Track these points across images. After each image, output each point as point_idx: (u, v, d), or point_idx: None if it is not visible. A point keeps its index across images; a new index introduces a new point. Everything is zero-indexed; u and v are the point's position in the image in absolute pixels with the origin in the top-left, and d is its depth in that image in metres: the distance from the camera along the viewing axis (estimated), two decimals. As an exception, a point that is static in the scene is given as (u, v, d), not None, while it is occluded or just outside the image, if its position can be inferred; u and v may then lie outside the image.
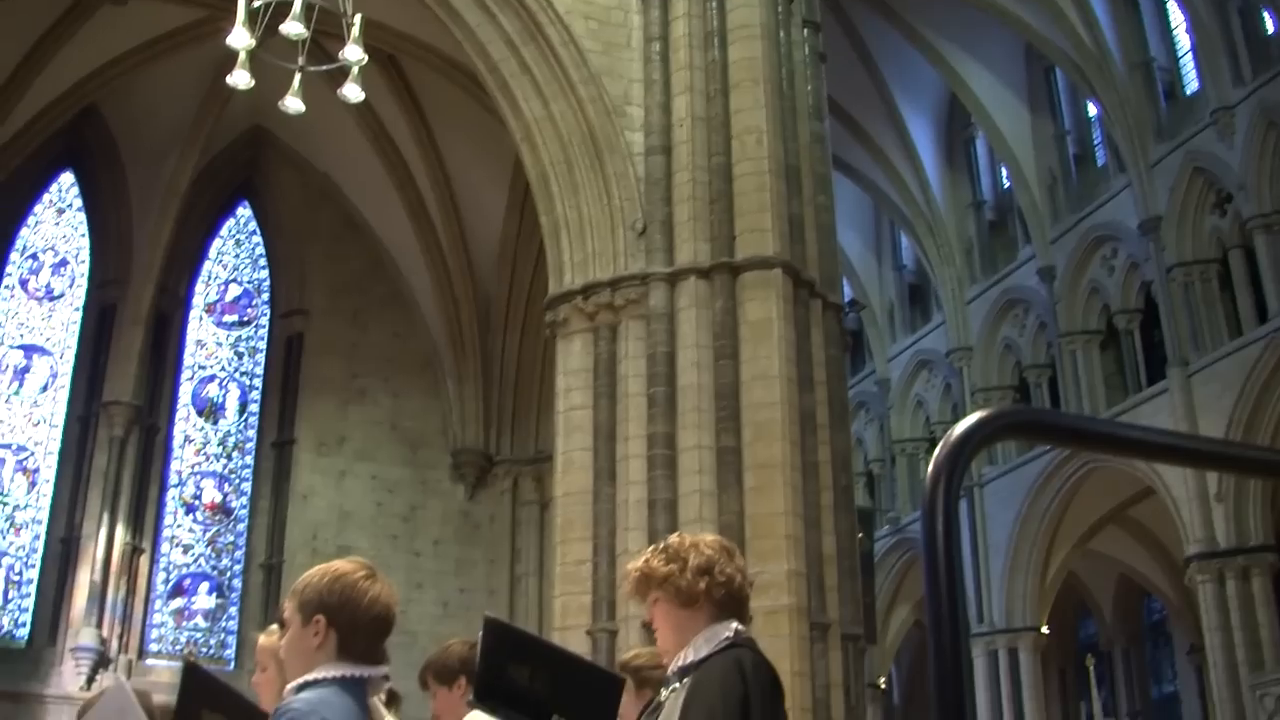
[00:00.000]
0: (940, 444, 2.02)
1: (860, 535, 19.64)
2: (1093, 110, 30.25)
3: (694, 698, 4.09)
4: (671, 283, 16.88)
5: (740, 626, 4.29)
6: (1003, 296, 31.92)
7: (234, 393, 28.00)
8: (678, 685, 4.24)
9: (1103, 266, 29.09)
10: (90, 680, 23.99)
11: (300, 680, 3.68)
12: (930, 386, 35.15)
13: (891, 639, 35.13)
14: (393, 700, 4.38)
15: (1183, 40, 27.99)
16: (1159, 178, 26.91)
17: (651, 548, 4.49)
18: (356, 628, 3.71)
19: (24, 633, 25.20)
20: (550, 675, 4.71)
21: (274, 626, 4.77)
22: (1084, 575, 33.29)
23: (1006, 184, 33.00)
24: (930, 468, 2.02)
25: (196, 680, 4.32)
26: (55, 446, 26.31)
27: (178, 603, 26.35)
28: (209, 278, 28.49)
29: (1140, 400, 27.01)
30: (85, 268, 27.47)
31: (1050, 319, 29.94)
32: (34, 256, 27.32)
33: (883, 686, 34.83)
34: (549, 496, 22.46)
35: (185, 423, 27.47)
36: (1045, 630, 30.33)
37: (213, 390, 27.88)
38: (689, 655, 4.24)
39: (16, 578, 25.47)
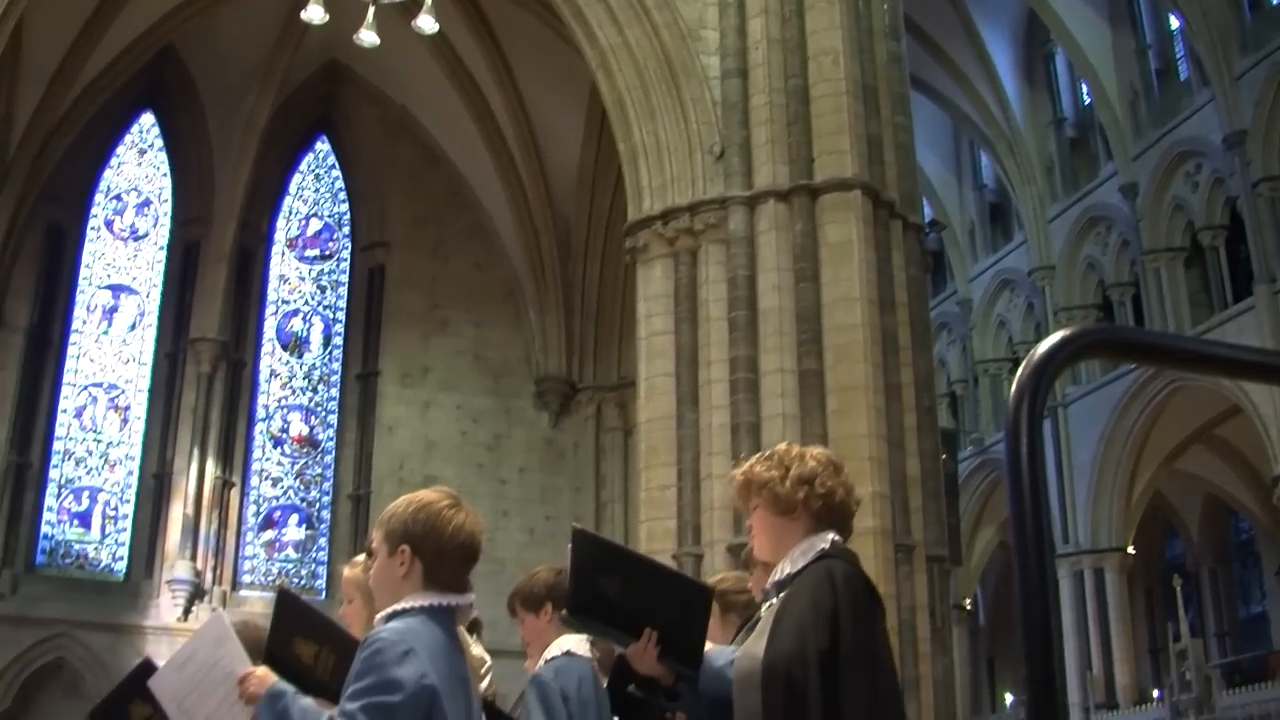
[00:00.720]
0: (1023, 364, 2.02)
1: (944, 457, 19.56)
2: (1175, 23, 29.74)
3: (784, 612, 4.06)
4: (750, 206, 16.81)
5: (837, 538, 4.22)
6: (1085, 214, 31.56)
7: (318, 326, 28.22)
8: (774, 600, 4.23)
9: (1186, 183, 28.67)
10: (187, 612, 24.43)
11: (389, 610, 3.72)
12: (1012, 306, 34.89)
13: (976, 561, 35.07)
14: (474, 627, 4.41)
15: (1267, -53, 27.41)
16: (1244, 91, 26.42)
17: (759, 454, 4.45)
18: (441, 556, 3.74)
19: (122, 566, 25.67)
20: (640, 586, 4.68)
21: (358, 559, 4.83)
22: (1170, 495, 33.05)
23: (1087, 100, 32.55)
24: (1014, 388, 2.01)
25: (289, 608, 4.37)
26: (145, 384, 26.67)
27: (268, 535, 26.71)
28: (290, 213, 28.66)
29: (1226, 317, 26.70)
30: (168, 207, 27.71)
31: (1133, 236, 29.57)
32: (118, 198, 27.59)
33: (968, 608, 34.83)
34: (632, 422, 22.50)
35: (270, 357, 27.74)
36: (1131, 551, 30.19)
37: (297, 324, 28.11)
38: (785, 568, 4.19)
39: (113, 513, 25.92)
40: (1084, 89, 32.57)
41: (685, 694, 4.73)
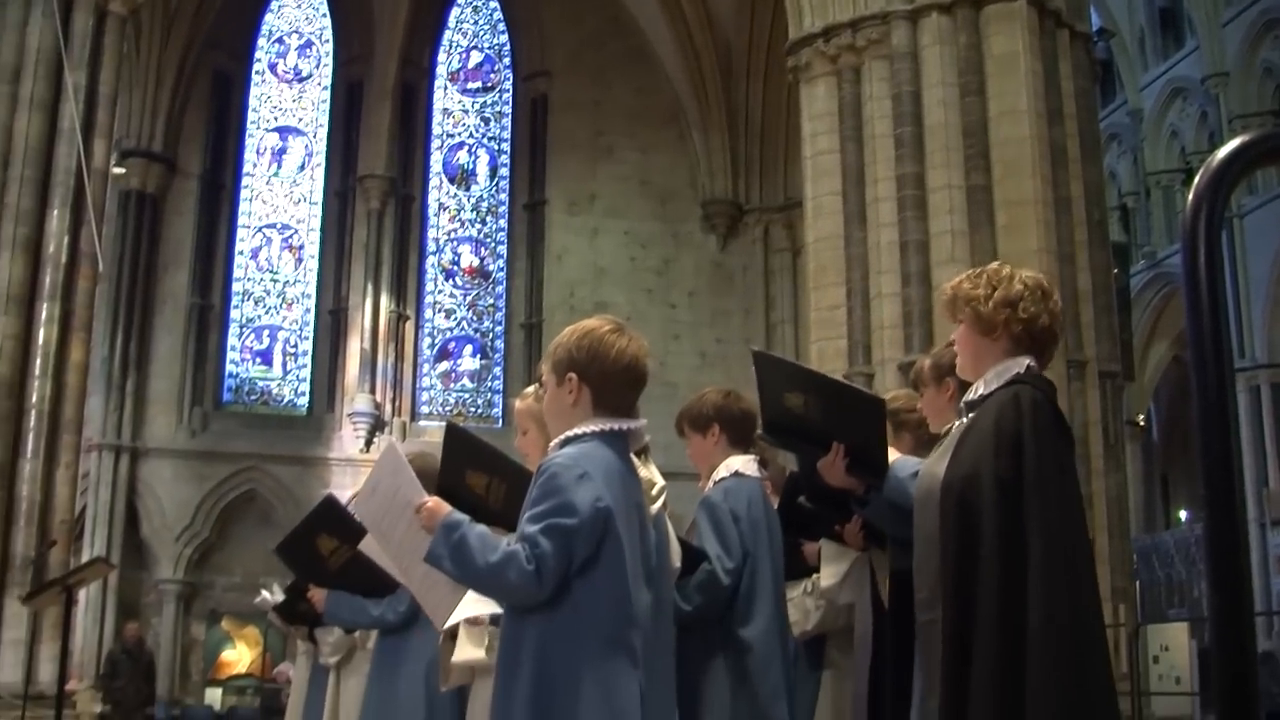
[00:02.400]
0: (1200, 172, 1.96)
1: (1116, 271, 19.22)
2: None
3: (968, 434, 4.06)
4: (913, 20, 16.43)
5: (1033, 364, 4.18)
6: (1261, 17, 30.35)
7: (483, 158, 28.36)
8: (963, 420, 4.21)
9: (1369, -22, 27.45)
10: (368, 443, 25.06)
11: (562, 436, 3.78)
12: (1185, 115, 33.89)
13: (1149, 376, 34.60)
14: (642, 451, 4.44)
15: None
16: None
17: (972, 270, 4.43)
18: (608, 382, 3.79)
19: (304, 401, 26.38)
20: (820, 402, 4.74)
21: (528, 390, 4.88)
22: (1352, 307, 32.17)
23: (1264, -107, 31.14)
24: (1190, 197, 1.96)
25: (459, 441, 4.45)
26: (316, 223, 27.13)
27: (444, 366, 27.17)
28: (450, 46, 28.66)
29: None
30: (329, 47, 27.90)
31: (1314, 38, 28.46)
32: (280, 40, 27.83)
33: (1141, 424, 34.40)
34: (800, 243, 22.37)
35: (438, 190, 27.97)
36: (1310, 366, 29.50)
37: (462, 157, 28.27)
38: (978, 389, 4.18)
39: (293, 350, 26.57)
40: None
41: (875, 502, 4.78)
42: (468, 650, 4.49)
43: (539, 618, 3.52)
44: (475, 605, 4.02)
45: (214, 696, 24.27)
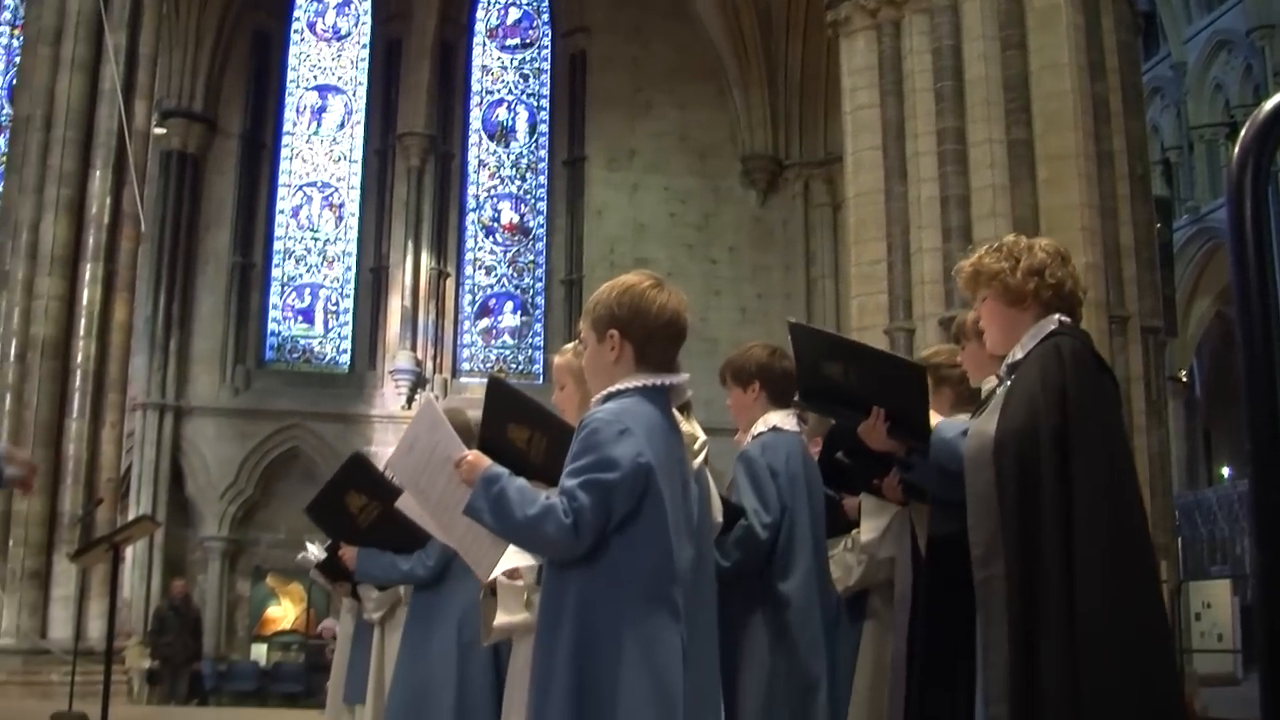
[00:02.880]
0: (1246, 126, 1.95)
1: (1158, 226, 19.05)
2: None
3: (1014, 391, 4.08)
4: (954, -28, 16.29)
5: (1064, 319, 4.23)
6: (1308, -33, 30.00)
7: (522, 115, 28.32)
8: (1007, 382, 4.23)
9: None
10: (410, 400, 25.15)
11: (604, 392, 3.78)
12: (1229, 69, 33.50)
13: (1192, 332, 34.32)
14: (685, 406, 4.45)
15: None
16: None
17: (986, 245, 4.46)
18: (650, 337, 3.79)
19: (346, 359, 26.48)
20: (859, 369, 4.74)
21: (567, 346, 4.89)
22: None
23: None
24: (1236, 151, 1.95)
25: (500, 394, 4.45)
26: (356, 181, 27.17)
27: (485, 323, 27.22)
28: (488, 3, 28.57)
29: None
30: (368, 5, 27.87)
31: (1365, -16, 28.09)
32: (319, -1, 27.88)
33: (1184, 380, 34.17)
34: (841, 198, 22.30)
35: (478, 148, 27.96)
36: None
37: (501, 114, 28.23)
38: (1017, 353, 4.22)
39: (334, 308, 26.66)
40: None
41: (919, 464, 4.78)
42: (507, 612, 4.51)
43: (581, 573, 3.53)
44: (518, 558, 4.03)
45: (259, 652, 24.49)
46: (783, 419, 5.67)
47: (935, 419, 4.73)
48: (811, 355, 4.83)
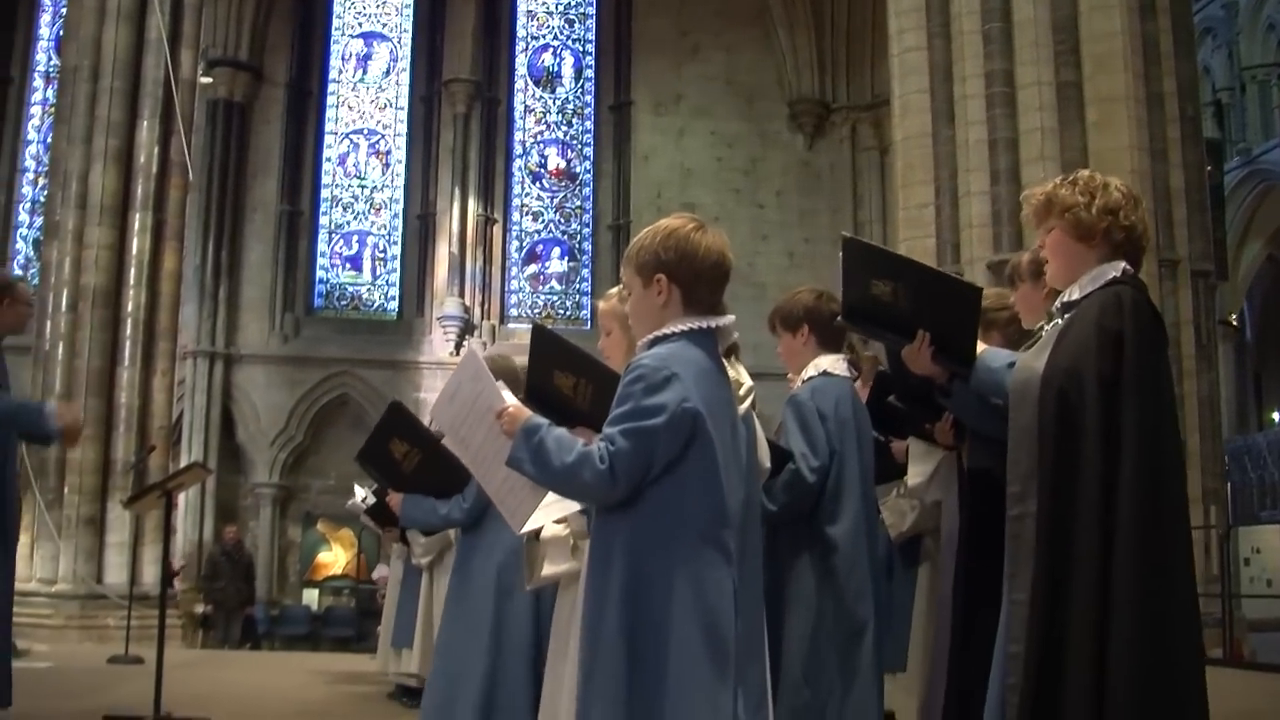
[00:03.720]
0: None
1: (1209, 168, 18.89)
2: None
3: (1068, 331, 4.04)
4: (1002, -89, 16.09)
5: (1128, 267, 4.18)
6: (1366, -99, 29.50)
7: (568, 60, 28.23)
8: (1059, 320, 4.19)
9: None
10: (458, 347, 25.22)
11: (651, 336, 3.77)
12: (1284, 8, 33.03)
13: (1243, 275, 34.01)
14: (731, 350, 4.43)
15: None
16: None
17: (1060, 176, 4.39)
18: (697, 279, 3.76)
19: (394, 306, 26.57)
20: (910, 289, 4.66)
21: (612, 291, 4.87)
22: None
23: None
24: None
25: (546, 343, 4.45)
26: (403, 128, 27.19)
27: (532, 269, 27.24)
28: (533, -53, 28.51)
29: None
30: (413, -51, 27.83)
31: None
32: (363, -57, 27.81)
33: (1234, 324, 33.89)
34: (888, 141, 22.14)
35: (523, 93, 27.90)
36: None
37: (547, 59, 28.15)
38: (1074, 292, 4.18)
39: (382, 255, 26.73)
40: None
41: (959, 392, 4.74)
42: (554, 562, 4.53)
43: (631, 517, 3.53)
44: (555, 508, 4.04)
45: (311, 597, 24.71)
46: (833, 363, 5.66)
47: (981, 348, 4.67)
48: (861, 272, 4.73)
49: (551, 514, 4.08)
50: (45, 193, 19.86)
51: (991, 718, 3.96)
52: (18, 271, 23.17)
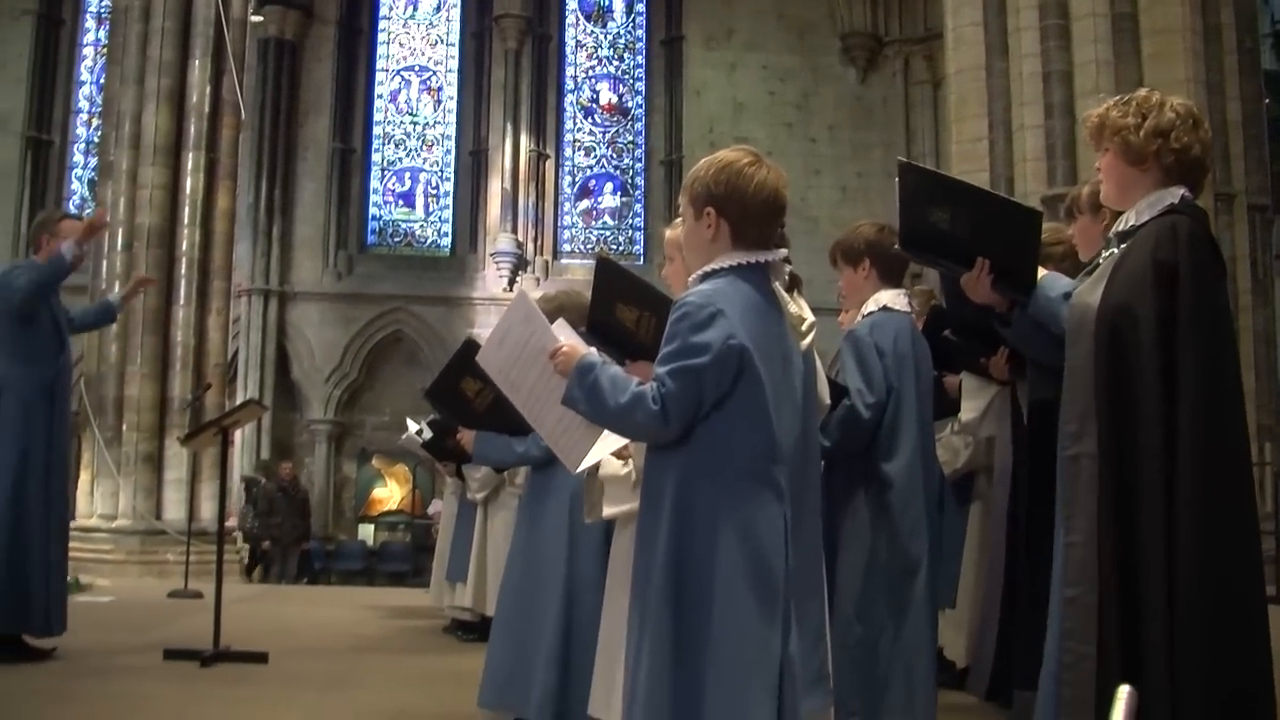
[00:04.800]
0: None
1: (1267, 101, 18.62)
2: None
3: (1123, 263, 3.95)
4: None
5: (1187, 194, 4.06)
6: None
7: (619, -6, 28.13)
8: (1115, 250, 4.11)
9: None
10: (511, 282, 25.26)
11: (700, 271, 3.72)
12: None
13: (1301, 207, 33.54)
14: (795, 284, 4.39)
15: None
16: None
17: (1118, 97, 4.28)
18: (747, 214, 3.70)
19: (447, 242, 26.62)
20: (969, 215, 4.59)
21: (678, 220, 4.86)
22: None
23: None
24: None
25: (609, 275, 4.43)
26: (454, 64, 27.17)
27: (585, 204, 27.22)
28: (584, -120, 28.32)
29: None
30: (463, -117, 27.69)
31: None
32: (412, -121, 27.69)
33: (1291, 258, 33.50)
34: (941, 75, 21.98)
35: (575, 28, 27.81)
36: None
37: (598, -7, 28.07)
38: (1129, 220, 4.07)
39: (434, 191, 26.77)
40: None
41: (1019, 321, 4.69)
42: (615, 501, 4.53)
43: (680, 454, 3.51)
44: (611, 443, 4.03)
45: (366, 532, 24.92)
46: (893, 298, 5.61)
47: (1041, 274, 4.61)
48: (918, 199, 4.65)
49: (608, 448, 4.06)
50: (99, 134, 19.93)
51: (1051, 662, 3.91)
52: (73, 211, 23.29)
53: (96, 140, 22.41)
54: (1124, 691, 2.49)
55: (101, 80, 21.32)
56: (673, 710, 3.39)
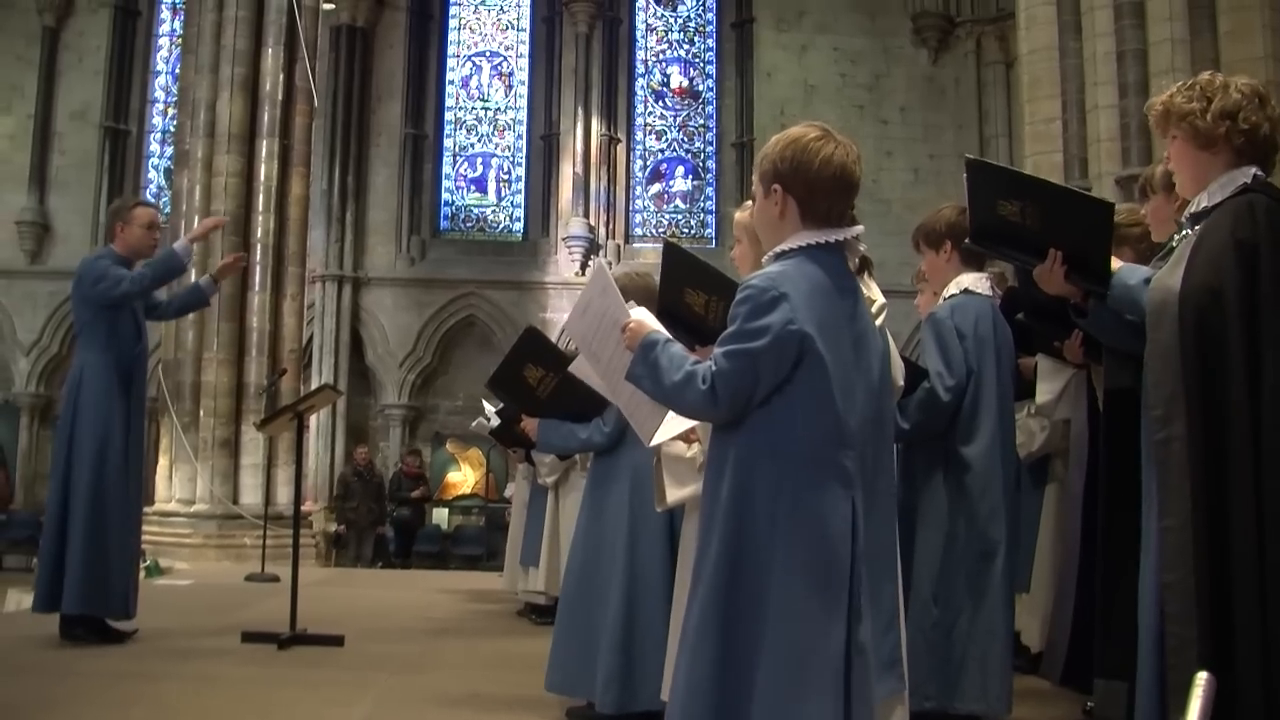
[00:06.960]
0: None
1: (1353, 71, 18.31)
2: None
3: (1201, 245, 3.90)
4: None
5: (1259, 172, 4.01)
6: None
7: (689, -23, 28.06)
8: (1189, 231, 4.06)
9: None
10: (583, 266, 25.29)
11: (773, 252, 3.68)
12: None
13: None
14: (865, 266, 4.36)
15: None
16: None
17: (1181, 82, 4.24)
18: (814, 191, 3.63)
19: (519, 227, 26.68)
20: (1039, 208, 4.56)
21: (748, 202, 4.85)
22: None
23: None
24: None
25: (676, 259, 4.43)
26: (525, 49, 27.20)
27: (656, 187, 27.19)
28: None
29: None
30: (523, -127, 27.70)
31: None
32: None
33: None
34: (1013, 55, 21.78)
35: (645, 12, 27.76)
36: None
37: (668, -24, 28.01)
38: (1202, 201, 4.02)
39: (506, 176, 26.83)
40: None
41: (1096, 311, 4.65)
42: (679, 483, 4.53)
43: (741, 437, 3.48)
44: (682, 422, 4.03)
45: (441, 516, 25.00)
46: (975, 281, 5.60)
47: (1115, 264, 4.57)
48: (987, 193, 4.64)
49: (681, 425, 4.06)
50: (175, 122, 20.14)
51: (1148, 648, 3.86)
52: (149, 199, 23.53)
53: (172, 129, 22.64)
54: (1202, 678, 2.47)
55: (177, 70, 21.51)
56: (716, 709, 3.36)
